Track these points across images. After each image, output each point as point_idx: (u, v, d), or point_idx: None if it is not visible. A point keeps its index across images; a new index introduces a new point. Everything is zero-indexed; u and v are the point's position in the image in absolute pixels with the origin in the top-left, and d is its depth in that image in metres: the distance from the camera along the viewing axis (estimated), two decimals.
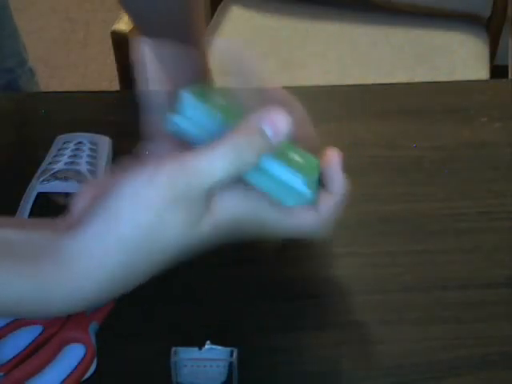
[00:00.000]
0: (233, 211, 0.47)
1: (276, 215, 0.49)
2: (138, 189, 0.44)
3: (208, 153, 0.45)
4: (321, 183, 0.51)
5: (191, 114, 0.49)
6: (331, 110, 0.75)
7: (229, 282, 0.60)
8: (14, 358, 0.53)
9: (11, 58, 0.87)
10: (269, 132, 0.46)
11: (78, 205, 0.47)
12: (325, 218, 0.51)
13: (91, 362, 0.53)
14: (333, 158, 0.51)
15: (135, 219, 0.44)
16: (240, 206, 0.48)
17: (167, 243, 0.46)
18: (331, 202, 0.51)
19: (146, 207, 0.44)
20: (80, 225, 0.45)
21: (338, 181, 0.51)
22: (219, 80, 0.60)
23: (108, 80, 2.01)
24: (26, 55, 0.90)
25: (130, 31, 1.12)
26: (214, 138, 0.47)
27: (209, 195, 0.46)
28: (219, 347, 0.51)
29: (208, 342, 0.51)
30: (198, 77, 0.64)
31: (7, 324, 0.55)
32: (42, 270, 0.44)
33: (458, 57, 1.42)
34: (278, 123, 0.46)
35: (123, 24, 1.12)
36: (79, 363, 0.53)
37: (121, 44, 1.12)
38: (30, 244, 0.45)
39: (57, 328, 0.54)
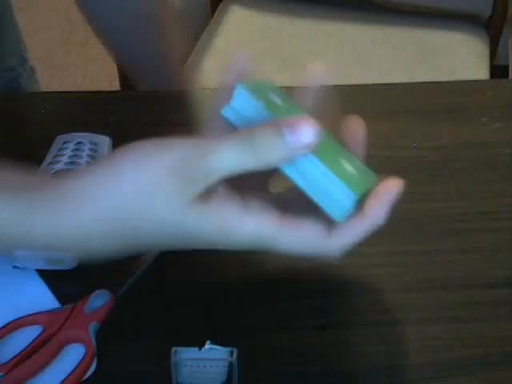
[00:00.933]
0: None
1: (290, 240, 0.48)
2: (143, 155, 0.46)
3: (223, 140, 0.46)
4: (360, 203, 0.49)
5: (242, 107, 0.49)
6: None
7: (229, 281, 0.60)
8: (13, 357, 0.53)
9: (12, 57, 0.87)
10: (289, 137, 0.45)
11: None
12: (346, 244, 0.49)
13: (91, 362, 0.53)
14: (391, 187, 0.49)
15: (134, 181, 0.46)
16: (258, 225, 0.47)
17: (156, 214, 0.46)
18: (362, 227, 0.49)
19: (146, 172, 0.46)
20: (84, 172, 0.48)
21: (381, 210, 0.49)
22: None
23: (108, 80, 2.01)
24: (26, 54, 0.91)
25: None
26: None
27: (211, 181, 0.46)
28: (219, 347, 0.51)
29: (208, 342, 0.51)
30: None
31: (7, 324, 0.55)
32: (35, 198, 0.47)
33: (458, 57, 1.42)
34: (302, 132, 0.45)
35: None
36: (79, 363, 0.53)
37: None
38: (28, 178, 0.49)
39: (57, 328, 0.55)
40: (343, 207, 0.48)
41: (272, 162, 0.46)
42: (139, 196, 0.46)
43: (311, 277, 0.60)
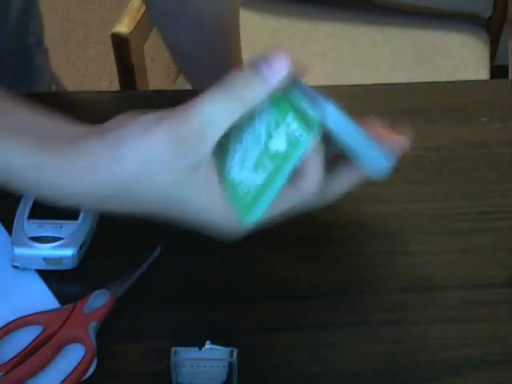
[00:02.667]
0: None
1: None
2: (141, 127, 0.48)
3: (207, 95, 0.48)
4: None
5: (333, 124, 0.50)
6: None
7: (229, 281, 0.60)
8: (14, 358, 0.53)
9: (32, 37, 0.88)
10: (264, 70, 0.48)
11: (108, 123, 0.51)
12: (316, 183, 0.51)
13: (91, 362, 0.53)
14: (398, 141, 0.54)
15: (136, 150, 0.48)
16: None
17: (155, 183, 0.49)
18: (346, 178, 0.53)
19: (147, 142, 0.48)
20: (92, 136, 0.50)
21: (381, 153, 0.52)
22: None
23: (108, 80, 2.01)
24: (43, 35, 0.92)
25: (130, 33, 1.12)
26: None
27: (207, 141, 0.48)
28: (219, 347, 0.51)
29: (208, 342, 0.51)
30: None
31: (7, 324, 0.55)
32: (45, 155, 0.50)
33: (458, 57, 1.42)
34: (274, 63, 0.48)
35: (123, 26, 1.13)
36: (79, 363, 0.53)
37: (121, 46, 1.12)
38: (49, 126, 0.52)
39: (57, 328, 0.55)
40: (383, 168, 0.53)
41: (256, 100, 0.49)
42: (140, 164, 0.48)
43: (311, 277, 0.60)
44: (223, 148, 0.51)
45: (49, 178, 0.50)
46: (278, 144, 0.49)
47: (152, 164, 0.48)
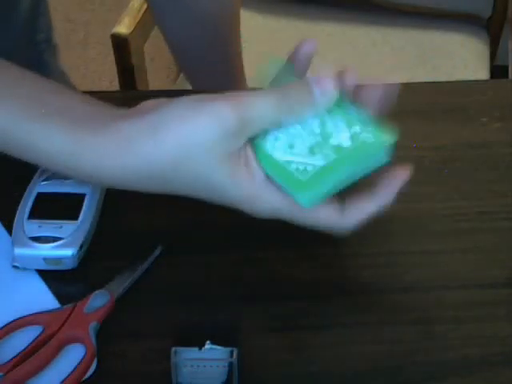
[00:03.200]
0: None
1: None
2: (189, 109, 0.50)
3: (257, 94, 0.51)
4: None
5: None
6: None
7: (229, 281, 0.60)
8: (14, 358, 0.53)
9: (41, 33, 0.88)
10: (316, 90, 0.51)
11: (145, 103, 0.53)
12: (357, 221, 0.53)
13: (91, 362, 0.53)
14: (401, 174, 0.54)
15: (179, 133, 0.49)
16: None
17: (193, 164, 0.50)
18: (370, 207, 0.53)
19: (192, 125, 0.49)
20: (132, 116, 0.51)
21: (388, 194, 0.53)
22: None
23: (108, 80, 2.01)
24: (51, 32, 0.92)
25: (130, 33, 1.12)
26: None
27: (250, 132, 0.50)
28: (219, 347, 0.51)
29: (208, 342, 0.51)
30: None
31: (7, 324, 0.55)
32: (83, 136, 0.51)
33: (459, 57, 1.42)
34: (325, 85, 0.51)
35: (123, 27, 1.13)
36: (79, 363, 0.53)
37: (121, 46, 1.13)
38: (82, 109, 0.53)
39: (57, 328, 0.55)
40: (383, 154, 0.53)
41: (302, 114, 0.52)
42: (180, 147, 0.49)
43: (311, 277, 0.60)
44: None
45: (88, 158, 0.51)
46: (342, 139, 0.52)
47: (192, 147, 0.49)
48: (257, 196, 0.52)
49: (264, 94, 0.51)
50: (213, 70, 0.85)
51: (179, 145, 0.49)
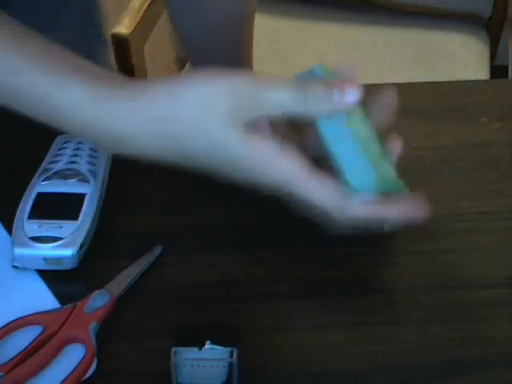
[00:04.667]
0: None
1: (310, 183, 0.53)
2: (207, 78, 0.52)
3: (277, 80, 0.52)
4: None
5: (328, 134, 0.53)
6: None
7: (229, 281, 0.60)
8: (14, 358, 0.53)
9: (95, 28, 0.89)
10: (336, 96, 0.51)
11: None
12: (356, 215, 0.54)
13: (91, 362, 0.53)
14: (418, 204, 0.55)
15: (197, 95, 0.51)
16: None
17: (207, 131, 0.51)
18: (376, 210, 0.54)
19: (209, 90, 0.51)
20: (152, 82, 0.53)
21: (399, 213, 0.55)
22: None
23: None
24: (101, 28, 0.92)
25: (130, 33, 1.12)
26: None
27: (264, 113, 0.52)
28: (219, 347, 0.51)
29: (208, 342, 0.51)
30: None
31: (7, 324, 0.55)
32: (101, 89, 0.52)
33: (458, 57, 1.42)
34: (347, 92, 0.51)
35: (123, 27, 1.13)
36: (79, 363, 0.53)
37: (121, 46, 1.13)
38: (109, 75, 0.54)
39: (57, 328, 0.55)
40: (363, 183, 0.53)
41: (316, 112, 0.52)
42: (197, 110, 0.51)
43: (311, 277, 0.60)
44: None
45: (107, 110, 0.52)
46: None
47: (209, 108, 0.50)
48: (269, 163, 0.52)
49: (284, 82, 0.52)
50: (220, 60, 0.84)
51: (199, 101, 0.51)
